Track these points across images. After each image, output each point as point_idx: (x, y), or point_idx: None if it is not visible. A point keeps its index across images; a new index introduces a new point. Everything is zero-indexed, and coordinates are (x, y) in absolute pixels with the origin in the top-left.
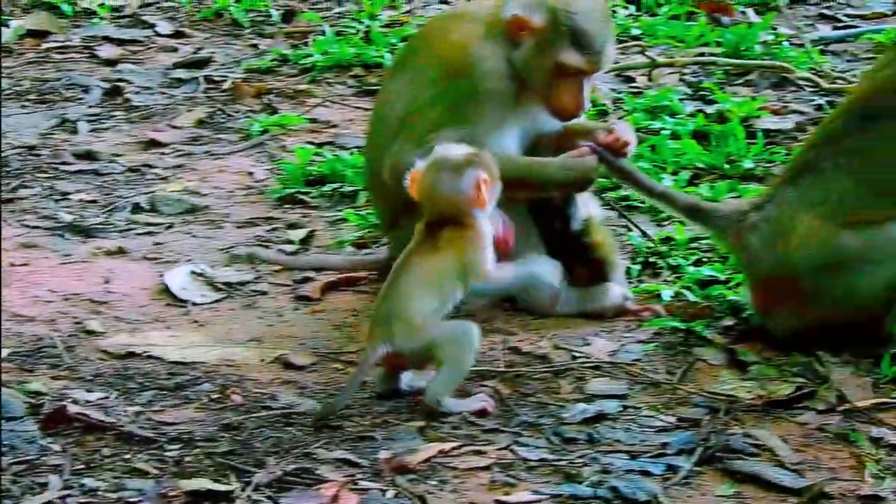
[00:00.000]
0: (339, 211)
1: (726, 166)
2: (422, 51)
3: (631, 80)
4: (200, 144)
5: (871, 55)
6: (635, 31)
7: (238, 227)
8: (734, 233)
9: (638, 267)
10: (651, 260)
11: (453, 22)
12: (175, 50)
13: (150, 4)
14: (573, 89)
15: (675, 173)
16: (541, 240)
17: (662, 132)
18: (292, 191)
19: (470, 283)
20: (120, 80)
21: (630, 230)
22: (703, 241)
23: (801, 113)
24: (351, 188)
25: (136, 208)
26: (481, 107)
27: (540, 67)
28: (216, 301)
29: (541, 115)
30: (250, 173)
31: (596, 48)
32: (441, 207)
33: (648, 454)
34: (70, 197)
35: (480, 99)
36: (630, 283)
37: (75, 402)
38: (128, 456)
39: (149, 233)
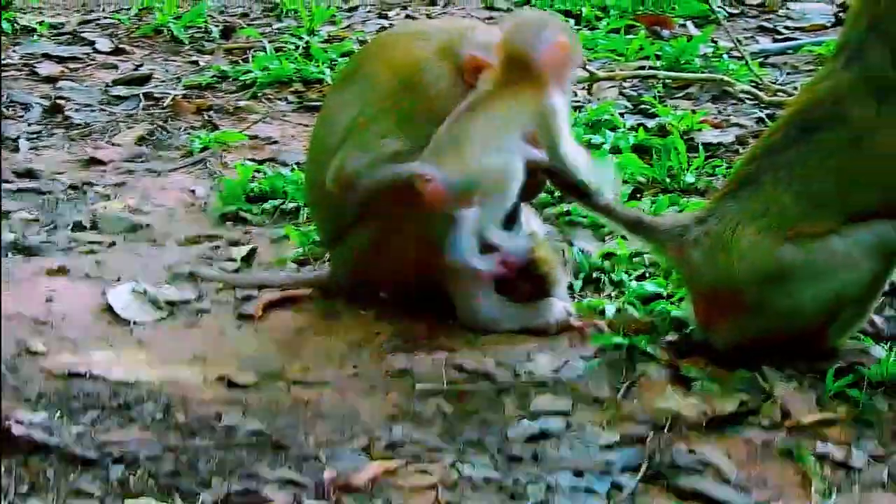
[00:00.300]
0: (281, 228)
1: (667, 180)
2: (372, 64)
3: (571, 94)
4: (141, 162)
5: (810, 67)
6: None
7: (180, 245)
8: (676, 247)
9: (580, 282)
10: (594, 275)
11: (409, 39)
12: (115, 67)
13: (89, 21)
14: None
15: None
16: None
17: (603, 146)
18: (233, 208)
19: (530, 151)
20: (60, 97)
21: (572, 245)
22: (646, 257)
23: (742, 126)
24: (293, 205)
25: (78, 227)
26: (431, 123)
27: None
28: (159, 320)
29: None
30: (192, 190)
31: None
32: (518, 68)
33: (593, 472)
34: (11, 216)
35: (432, 116)
36: (573, 298)
37: (19, 422)
38: (72, 477)
39: (91, 251)
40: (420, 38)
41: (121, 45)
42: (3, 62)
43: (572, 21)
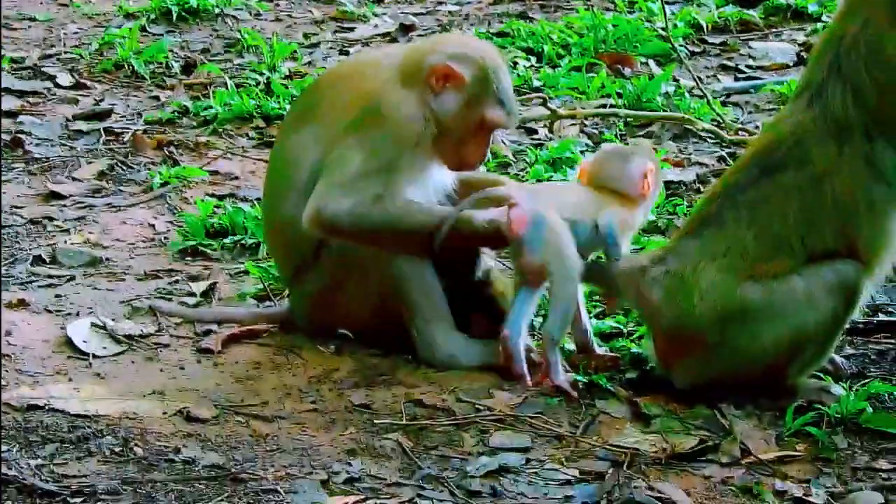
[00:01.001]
0: (241, 263)
1: None
2: (330, 99)
3: (532, 131)
4: (101, 196)
5: (772, 106)
6: (537, 83)
7: (139, 280)
8: (635, 287)
9: (540, 319)
10: None
11: (365, 68)
12: (76, 102)
13: (50, 56)
14: (483, 142)
15: None
16: (444, 288)
17: None
18: (193, 243)
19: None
20: (20, 131)
21: None
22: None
23: (703, 164)
24: (252, 240)
25: (38, 260)
26: (401, 152)
27: (462, 119)
28: (118, 353)
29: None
30: (152, 225)
31: (514, 106)
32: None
33: None
34: None
35: (400, 144)
36: (532, 335)
37: None
38: None
39: (50, 285)
40: (380, 66)
41: (82, 80)
42: None
43: (534, 59)
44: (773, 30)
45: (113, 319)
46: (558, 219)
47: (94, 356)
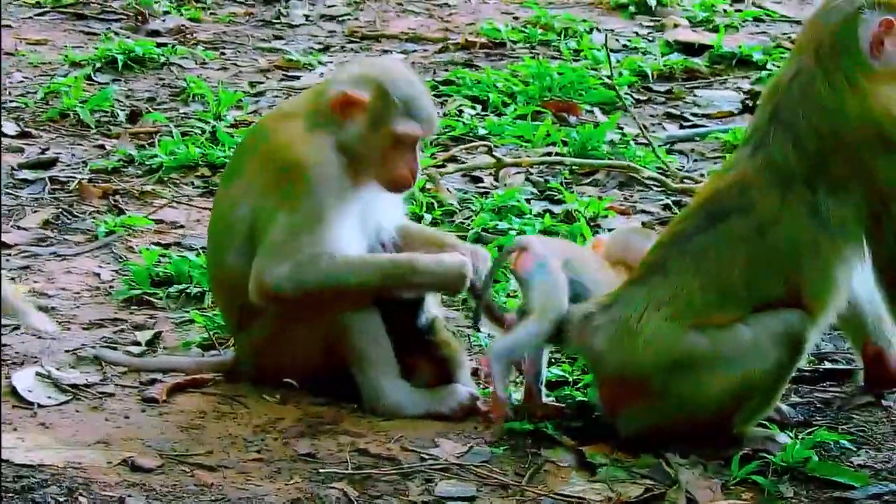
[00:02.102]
0: (186, 312)
1: None
2: (251, 156)
3: (478, 180)
4: (46, 245)
5: (718, 154)
6: (482, 131)
7: (85, 329)
8: (580, 334)
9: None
10: None
11: (274, 122)
12: (21, 150)
13: None
14: (408, 158)
15: None
16: (388, 335)
17: (510, 232)
18: (139, 292)
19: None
20: None
21: (478, 331)
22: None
23: (648, 212)
24: (198, 289)
25: None
26: (325, 200)
27: (375, 141)
28: (63, 403)
29: (379, 201)
30: (97, 274)
31: (426, 112)
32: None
33: None
34: None
35: (322, 193)
36: (478, 383)
37: None
38: None
39: None
40: (286, 118)
41: (27, 129)
42: None
43: (479, 107)
44: (719, 78)
45: (58, 368)
46: (560, 269)
47: (39, 405)
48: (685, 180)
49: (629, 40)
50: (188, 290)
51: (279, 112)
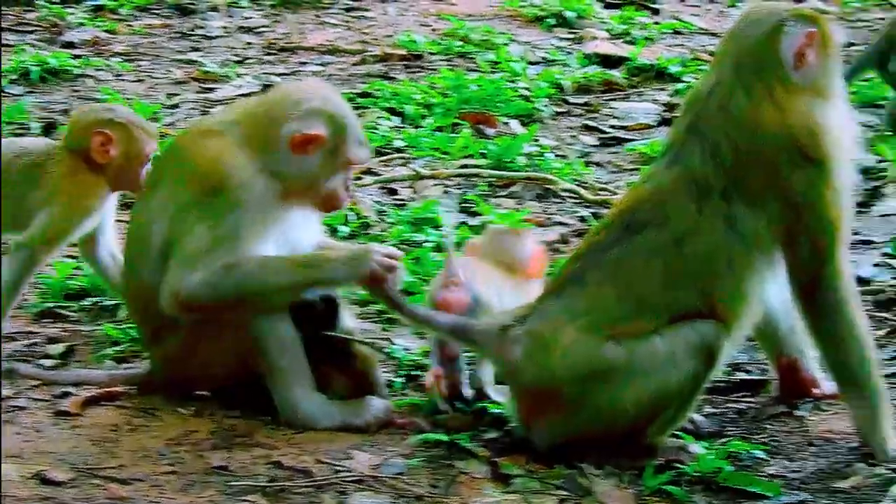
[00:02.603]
0: (100, 325)
1: None
2: (173, 170)
3: (394, 192)
4: None
5: (635, 166)
6: (399, 143)
7: None
8: (497, 345)
9: (401, 380)
10: (413, 373)
11: (202, 137)
12: None
13: None
14: (347, 180)
15: None
16: (302, 347)
17: (426, 244)
18: (52, 305)
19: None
20: None
21: (392, 343)
22: (467, 355)
23: (565, 224)
24: (111, 302)
25: None
26: (246, 217)
27: (329, 169)
28: None
29: (299, 218)
30: None
31: (365, 139)
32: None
33: None
34: None
35: (242, 211)
36: (393, 396)
37: None
38: None
39: None
40: (215, 134)
41: None
42: None
43: (397, 119)
44: (636, 90)
45: None
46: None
47: None
48: (602, 192)
49: (547, 52)
50: (101, 303)
51: (203, 128)
